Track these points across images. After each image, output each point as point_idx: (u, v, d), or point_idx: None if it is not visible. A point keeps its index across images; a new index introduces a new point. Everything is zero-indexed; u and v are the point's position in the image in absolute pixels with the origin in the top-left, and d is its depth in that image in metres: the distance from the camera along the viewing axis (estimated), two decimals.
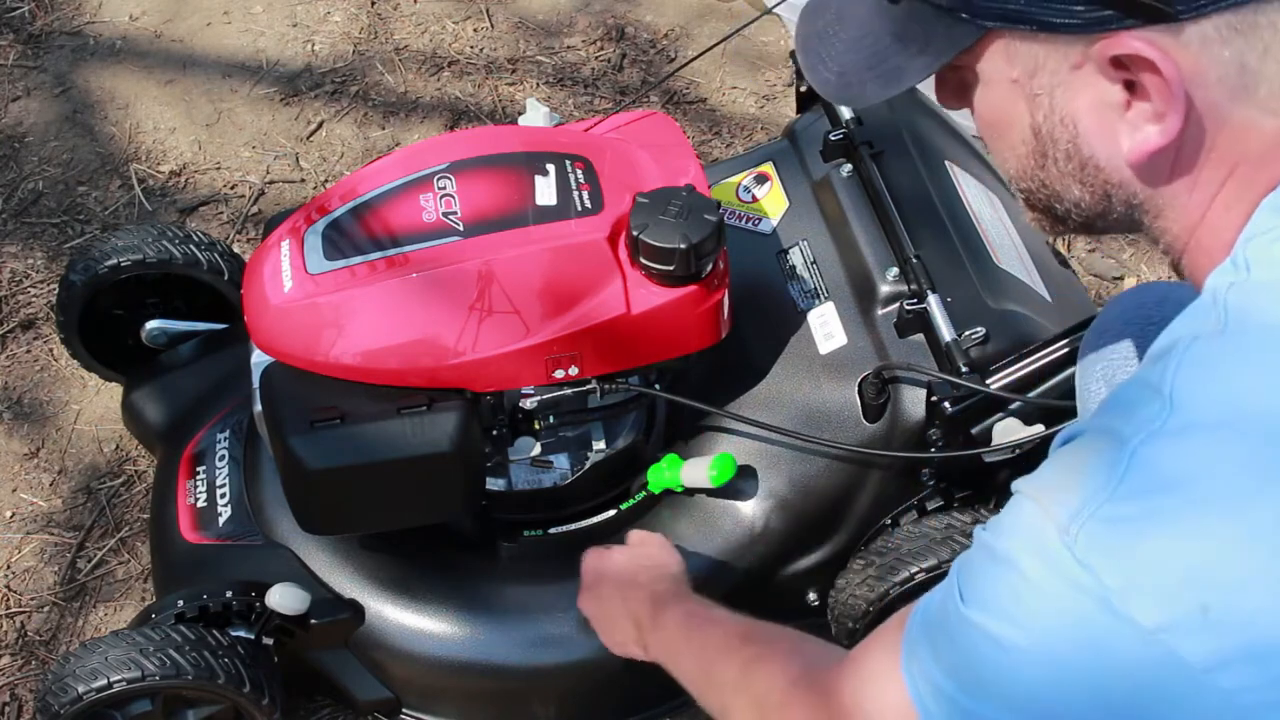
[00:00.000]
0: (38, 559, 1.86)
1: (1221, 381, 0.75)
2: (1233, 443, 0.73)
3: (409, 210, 1.43)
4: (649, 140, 1.56)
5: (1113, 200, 0.88)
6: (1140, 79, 0.80)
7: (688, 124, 2.44)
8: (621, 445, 1.57)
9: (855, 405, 1.51)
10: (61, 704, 1.43)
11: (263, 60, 2.53)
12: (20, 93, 2.45)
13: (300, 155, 2.37)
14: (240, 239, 2.24)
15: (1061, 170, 0.88)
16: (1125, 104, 0.82)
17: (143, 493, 1.92)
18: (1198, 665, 0.72)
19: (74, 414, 2.01)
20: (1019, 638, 0.78)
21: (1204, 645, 0.71)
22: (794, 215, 1.68)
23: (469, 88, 2.49)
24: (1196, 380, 0.76)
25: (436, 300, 1.39)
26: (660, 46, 2.56)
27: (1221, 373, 0.76)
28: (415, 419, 1.38)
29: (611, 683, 1.56)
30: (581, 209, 1.43)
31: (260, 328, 1.44)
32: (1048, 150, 0.87)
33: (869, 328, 1.54)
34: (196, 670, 1.43)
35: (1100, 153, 0.85)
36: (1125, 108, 0.82)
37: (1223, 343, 0.77)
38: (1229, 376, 0.75)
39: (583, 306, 1.41)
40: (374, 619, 1.56)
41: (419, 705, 1.62)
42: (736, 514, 1.56)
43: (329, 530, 1.54)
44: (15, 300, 2.14)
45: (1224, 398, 0.75)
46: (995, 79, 0.86)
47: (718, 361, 1.55)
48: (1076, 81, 0.83)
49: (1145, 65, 0.78)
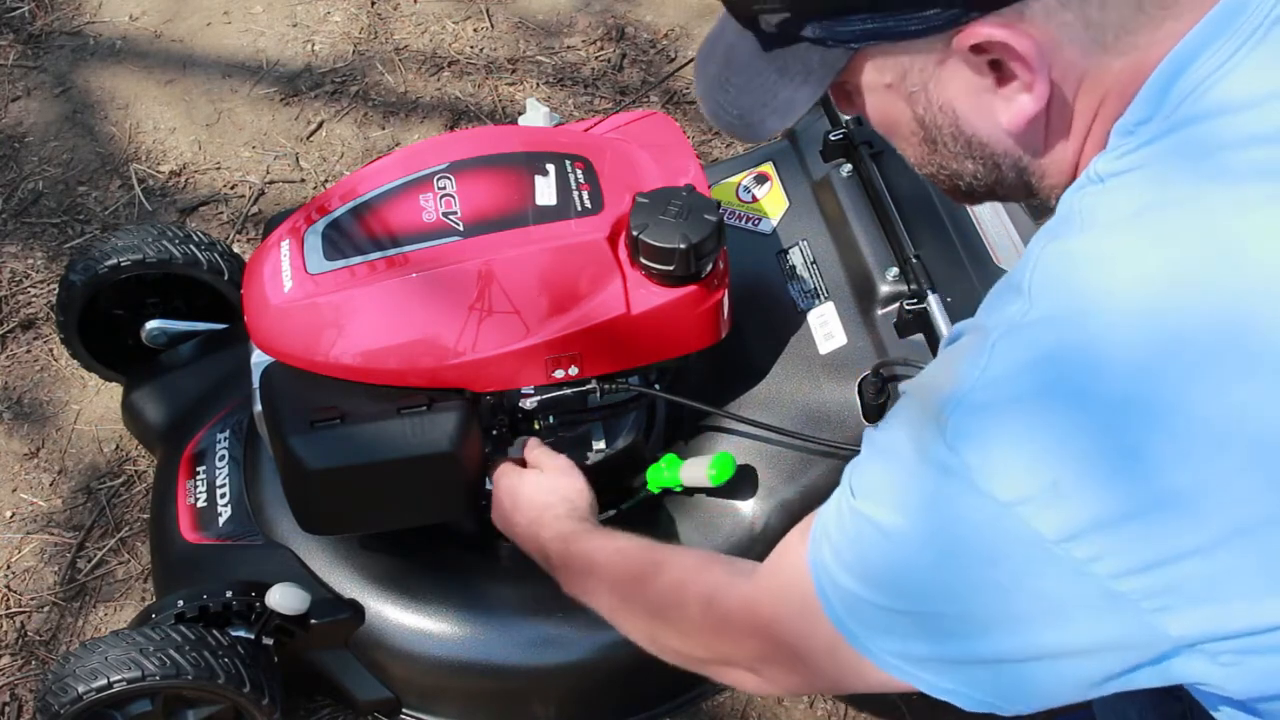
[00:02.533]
0: (38, 559, 1.86)
1: (1073, 275, 0.82)
2: (1076, 327, 0.80)
3: (409, 210, 1.43)
4: (649, 140, 1.56)
5: (1002, 168, 0.96)
6: (1002, 58, 0.87)
7: (688, 124, 2.44)
8: (621, 445, 1.57)
9: (855, 405, 1.51)
10: (61, 704, 1.43)
11: (263, 60, 2.53)
12: (20, 93, 2.45)
13: (300, 155, 2.37)
14: (240, 239, 2.24)
15: (952, 151, 0.96)
16: (995, 83, 0.89)
17: (143, 493, 1.92)
18: (1051, 536, 0.78)
19: (74, 414, 2.01)
20: (900, 522, 0.85)
21: (1056, 517, 0.77)
22: (794, 215, 1.68)
23: (469, 88, 2.49)
24: (1052, 276, 0.83)
25: (436, 300, 1.39)
26: (660, 46, 2.56)
27: (1072, 267, 0.83)
28: (415, 419, 1.38)
29: (611, 683, 1.56)
30: (581, 209, 1.43)
31: (260, 328, 1.44)
32: (935, 137, 0.96)
33: (869, 327, 1.54)
34: (196, 670, 1.43)
35: (981, 129, 0.93)
36: (996, 85, 0.89)
37: (1075, 242, 0.84)
38: (1079, 269, 0.82)
39: (583, 306, 1.41)
40: (374, 619, 1.56)
41: (419, 705, 1.62)
42: (736, 514, 1.56)
43: (329, 530, 1.54)
44: (15, 300, 2.14)
45: (1074, 289, 0.81)
46: (874, 87, 0.94)
47: (718, 361, 1.55)
48: (945, 74, 0.90)
49: (1002, 48, 0.86)
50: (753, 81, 0.98)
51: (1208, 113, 0.83)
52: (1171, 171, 0.83)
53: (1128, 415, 0.76)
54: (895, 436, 0.88)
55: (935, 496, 0.83)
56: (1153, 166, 0.84)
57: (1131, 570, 0.77)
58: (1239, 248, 0.78)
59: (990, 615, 0.83)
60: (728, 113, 1.00)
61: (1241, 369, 0.75)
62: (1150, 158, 0.84)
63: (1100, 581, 0.77)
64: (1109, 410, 0.77)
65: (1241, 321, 0.76)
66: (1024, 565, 0.79)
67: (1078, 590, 0.78)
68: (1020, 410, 0.79)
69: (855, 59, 0.92)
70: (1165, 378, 0.76)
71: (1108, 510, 0.76)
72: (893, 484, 0.87)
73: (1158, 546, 0.76)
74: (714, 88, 1.01)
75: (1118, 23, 0.84)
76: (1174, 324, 0.77)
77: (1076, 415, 0.77)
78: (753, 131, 1.00)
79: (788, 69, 0.95)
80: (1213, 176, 0.80)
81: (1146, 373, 0.76)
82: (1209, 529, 0.76)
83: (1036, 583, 0.80)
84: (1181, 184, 0.81)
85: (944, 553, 0.83)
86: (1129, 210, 0.83)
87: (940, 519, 0.83)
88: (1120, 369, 0.77)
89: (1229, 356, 0.76)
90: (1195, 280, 0.78)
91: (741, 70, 0.99)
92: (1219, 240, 0.78)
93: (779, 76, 0.96)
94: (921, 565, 0.85)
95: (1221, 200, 0.80)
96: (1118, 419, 0.77)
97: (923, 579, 0.85)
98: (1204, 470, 0.75)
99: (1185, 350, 0.76)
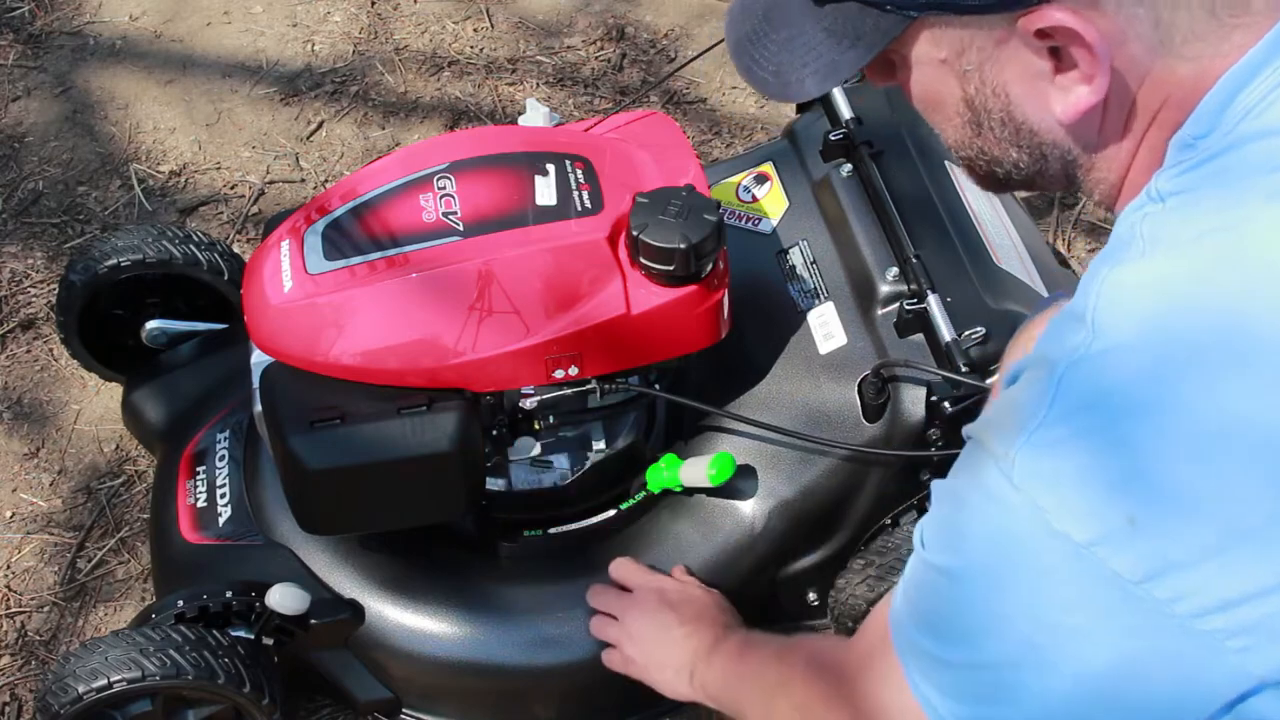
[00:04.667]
0: (38, 559, 1.86)
1: (1137, 302, 0.80)
2: (1144, 357, 0.77)
3: (409, 210, 1.43)
4: (649, 140, 1.56)
5: (1049, 159, 0.92)
6: (1065, 46, 0.84)
7: (688, 124, 2.44)
8: (621, 445, 1.57)
9: (855, 405, 1.51)
10: (61, 704, 1.43)
11: (263, 60, 2.53)
12: (20, 93, 2.45)
13: (300, 155, 2.37)
14: (240, 239, 2.24)
15: (998, 136, 0.92)
16: (1053, 70, 0.86)
17: (143, 493, 1.92)
18: (1129, 577, 0.74)
19: (74, 414, 2.01)
20: (962, 565, 0.82)
21: (1133, 556, 0.74)
22: (794, 215, 1.68)
23: (469, 88, 2.49)
24: (1115, 303, 0.80)
25: (436, 300, 1.39)
26: (660, 46, 2.56)
27: (1136, 294, 0.80)
28: (415, 419, 1.38)
29: (611, 682, 1.56)
30: (581, 209, 1.43)
31: (260, 328, 1.44)
32: (982, 120, 0.92)
33: (869, 328, 1.54)
34: (196, 670, 1.43)
35: (1033, 117, 0.90)
36: (1054, 73, 0.86)
37: (1138, 267, 0.81)
38: (1143, 297, 0.80)
39: (583, 306, 1.41)
40: (374, 619, 1.56)
41: (419, 705, 1.62)
42: (736, 514, 1.56)
43: (329, 530, 1.54)
44: (15, 300, 2.14)
45: (1139, 317, 0.79)
46: (925, 61, 0.90)
47: (718, 361, 1.55)
48: (1004, 55, 0.87)
49: (1069, 34, 0.83)
50: (796, 39, 0.93)
51: (1265, 131, 0.80)
52: (1229, 192, 0.80)
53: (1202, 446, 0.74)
54: (960, 483, 0.85)
55: (1005, 538, 0.79)
56: (1211, 186, 0.81)
57: (1212, 609, 0.74)
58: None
59: (1064, 666, 0.78)
60: (762, 69, 0.95)
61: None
62: (1209, 176, 0.82)
63: (1182, 622, 0.74)
64: (1184, 443, 0.74)
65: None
66: (1104, 609, 0.76)
67: (1159, 633, 0.75)
68: (1091, 445, 0.76)
69: (911, 28, 0.88)
70: None
71: (1187, 548, 0.73)
72: (959, 529, 0.83)
73: (1240, 583, 0.73)
74: (750, 42, 0.96)
75: (1188, 26, 0.82)
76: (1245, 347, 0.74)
77: (1150, 448, 0.75)
78: (788, 91, 0.95)
79: (837, 29, 0.90)
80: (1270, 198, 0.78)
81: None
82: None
83: (1116, 627, 0.76)
84: (1240, 207, 0.79)
85: (1017, 598, 0.79)
86: (1192, 233, 0.80)
87: (1012, 561, 0.79)
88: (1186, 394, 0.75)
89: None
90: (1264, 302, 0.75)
91: (785, 25, 0.93)
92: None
93: (826, 37, 0.91)
94: (992, 610, 0.81)
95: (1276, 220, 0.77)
96: (1190, 446, 0.74)
97: (993, 626, 0.81)
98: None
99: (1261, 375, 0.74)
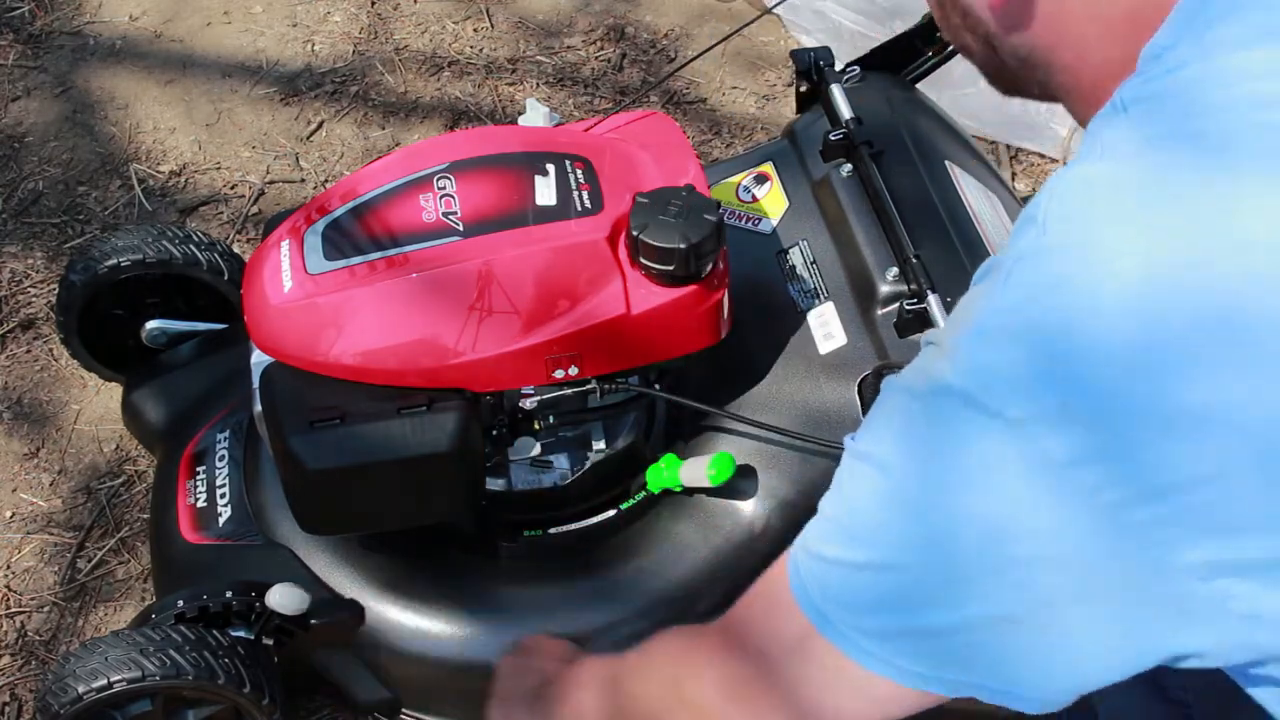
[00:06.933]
0: (38, 559, 1.86)
1: (1085, 203, 0.79)
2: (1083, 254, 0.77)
3: (409, 210, 1.43)
4: (649, 140, 1.56)
5: (999, 51, 0.91)
6: None
7: (688, 124, 2.44)
8: (621, 445, 1.57)
9: (855, 405, 1.51)
10: (61, 704, 1.43)
11: (263, 60, 2.53)
12: (20, 93, 2.45)
13: (300, 155, 2.37)
14: (240, 239, 2.24)
15: (955, 23, 0.93)
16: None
17: (143, 493, 1.92)
18: (1059, 458, 0.74)
19: (74, 414, 2.01)
20: (897, 454, 0.81)
21: (1064, 439, 0.74)
22: (794, 215, 1.68)
23: (469, 88, 2.49)
24: (1065, 204, 0.80)
25: (436, 300, 1.39)
26: (660, 46, 2.56)
27: (1087, 196, 0.80)
28: (415, 419, 1.38)
29: None
30: (581, 209, 1.43)
31: (260, 328, 1.44)
32: (944, 3, 0.92)
33: (869, 328, 1.54)
34: (196, 670, 1.43)
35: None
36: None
37: (1091, 168, 0.81)
38: (1093, 199, 0.79)
39: (583, 306, 1.41)
40: (374, 619, 1.56)
41: (419, 705, 1.62)
42: (736, 514, 1.56)
43: (329, 530, 1.54)
44: (15, 300, 2.14)
45: (1085, 216, 0.78)
46: None
47: (718, 361, 1.55)
48: None
49: None
50: None
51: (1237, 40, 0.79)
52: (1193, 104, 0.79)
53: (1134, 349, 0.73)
54: (905, 376, 0.84)
55: (940, 423, 0.78)
56: (1175, 97, 0.80)
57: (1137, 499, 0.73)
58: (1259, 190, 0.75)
59: (987, 561, 0.77)
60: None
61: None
62: (1174, 86, 0.80)
63: (1111, 513, 0.73)
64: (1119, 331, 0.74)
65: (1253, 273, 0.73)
66: (1030, 490, 0.75)
67: (1086, 520, 0.73)
68: (1031, 333, 0.76)
69: None
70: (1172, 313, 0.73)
71: (1115, 437, 0.73)
72: (896, 419, 0.83)
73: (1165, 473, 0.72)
74: None
75: None
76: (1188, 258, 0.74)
77: (1083, 342, 0.74)
78: None
79: None
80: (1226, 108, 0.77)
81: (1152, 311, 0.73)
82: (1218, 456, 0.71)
83: (1046, 512, 0.75)
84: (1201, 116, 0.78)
85: (941, 483, 0.78)
86: (1149, 135, 0.79)
87: (944, 441, 0.78)
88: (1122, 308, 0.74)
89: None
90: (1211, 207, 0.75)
91: None
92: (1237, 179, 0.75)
93: None
94: (916, 499, 0.80)
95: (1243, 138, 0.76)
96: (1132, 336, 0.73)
97: (916, 520, 0.79)
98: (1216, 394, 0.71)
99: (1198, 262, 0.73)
